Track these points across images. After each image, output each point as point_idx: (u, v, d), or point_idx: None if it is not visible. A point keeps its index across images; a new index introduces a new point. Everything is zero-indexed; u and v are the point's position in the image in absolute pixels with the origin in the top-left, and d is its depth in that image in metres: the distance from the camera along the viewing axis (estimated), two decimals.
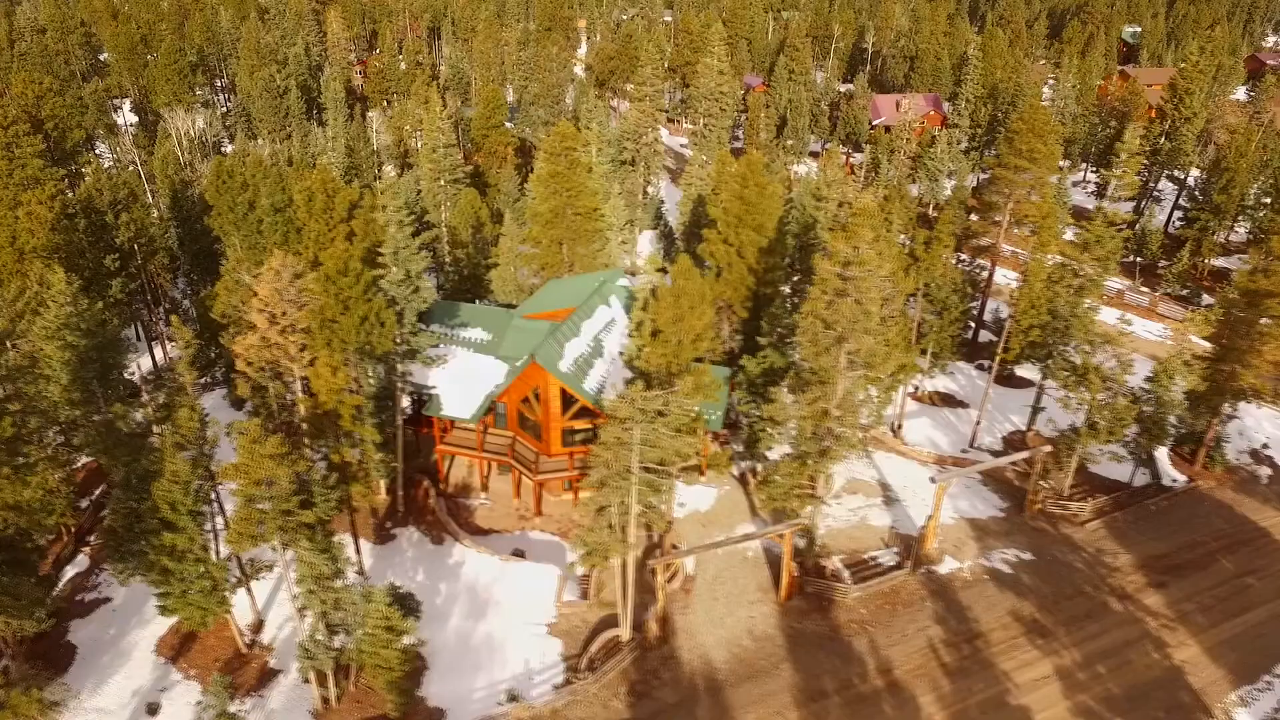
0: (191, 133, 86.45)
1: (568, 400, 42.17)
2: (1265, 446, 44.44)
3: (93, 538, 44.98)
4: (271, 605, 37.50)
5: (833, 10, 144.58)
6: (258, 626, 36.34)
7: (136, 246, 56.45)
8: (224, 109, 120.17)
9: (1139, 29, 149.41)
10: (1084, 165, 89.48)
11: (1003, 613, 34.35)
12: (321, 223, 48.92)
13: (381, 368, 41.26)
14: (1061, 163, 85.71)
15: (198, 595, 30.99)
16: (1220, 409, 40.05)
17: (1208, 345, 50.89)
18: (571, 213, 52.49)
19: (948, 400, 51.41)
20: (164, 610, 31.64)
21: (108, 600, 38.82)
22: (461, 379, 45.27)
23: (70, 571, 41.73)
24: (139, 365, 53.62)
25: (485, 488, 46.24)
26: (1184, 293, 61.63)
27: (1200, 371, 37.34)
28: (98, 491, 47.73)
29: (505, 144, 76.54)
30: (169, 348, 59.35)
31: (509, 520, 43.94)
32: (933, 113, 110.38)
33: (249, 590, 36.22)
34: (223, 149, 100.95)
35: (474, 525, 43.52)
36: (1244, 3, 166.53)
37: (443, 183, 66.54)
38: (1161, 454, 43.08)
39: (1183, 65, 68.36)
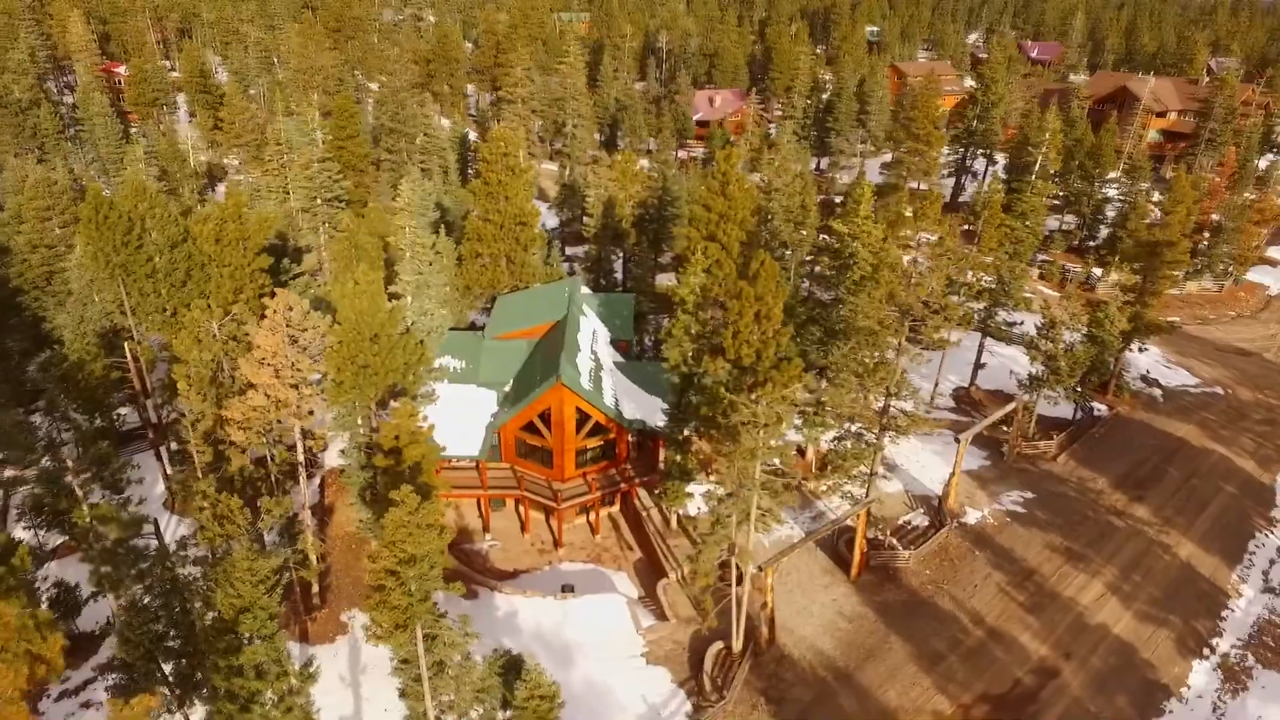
0: None
1: (581, 420, 39.99)
2: (1148, 373, 53.50)
3: None
4: None
5: (622, 12, 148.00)
6: None
7: None
8: None
9: (877, 29, 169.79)
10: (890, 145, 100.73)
11: (1040, 548, 38.25)
12: (237, 254, 41.92)
13: (380, 412, 36.24)
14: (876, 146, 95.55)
15: (283, 715, 25.37)
16: (1130, 345, 47.55)
17: (1055, 295, 59.62)
18: (514, 222, 49.51)
19: None
20: None
21: None
22: (446, 412, 41.01)
23: None
24: None
25: (487, 528, 42.41)
26: None
27: (1129, 314, 44.10)
28: None
29: (364, 156, 69.60)
30: None
31: (529, 558, 40.76)
32: (744, 106, 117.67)
33: None
34: None
35: (496, 570, 39.83)
36: (946, 6, 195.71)
37: (319, 202, 59.20)
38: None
39: (985, 58, 79.11)
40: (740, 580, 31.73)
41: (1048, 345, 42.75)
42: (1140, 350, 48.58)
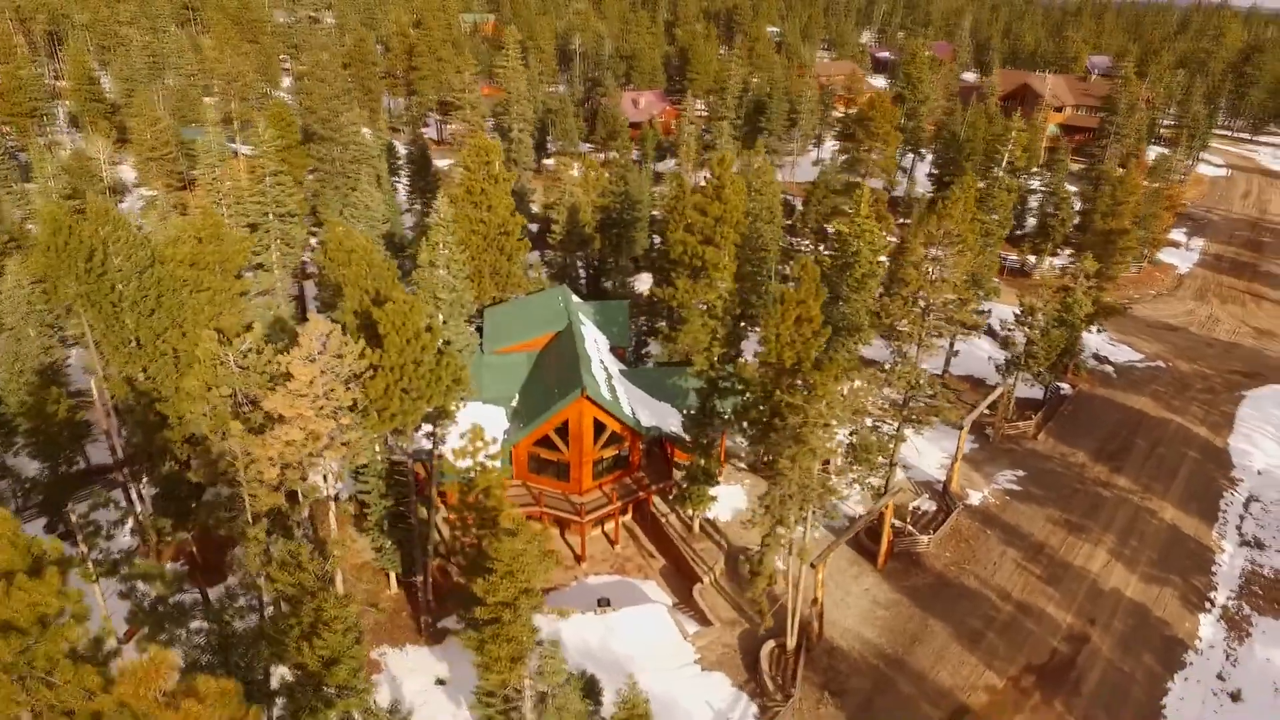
0: None
1: (597, 431, 39.48)
2: (1098, 351, 57.55)
3: None
4: None
5: (530, 13, 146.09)
6: None
7: None
8: None
9: (778, 29, 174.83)
10: (814, 143, 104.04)
11: (1043, 522, 40.57)
12: (216, 277, 39.13)
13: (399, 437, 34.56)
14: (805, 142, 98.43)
15: None
16: (1090, 326, 51.06)
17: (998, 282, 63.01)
18: (497, 231, 48.22)
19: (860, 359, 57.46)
20: None
21: None
22: (457, 431, 39.60)
23: None
24: None
25: None
26: None
27: (1093, 297, 47.38)
28: None
29: (304, 167, 65.97)
30: None
31: (554, 574, 39.81)
32: (668, 108, 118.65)
33: None
34: None
35: None
36: (838, 6, 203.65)
37: (272, 218, 55.68)
38: None
39: (909, 60, 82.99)
40: (786, 577, 32.16)
41: (1026, 330, 45.34)
42: (1098, 331, 52.32)
